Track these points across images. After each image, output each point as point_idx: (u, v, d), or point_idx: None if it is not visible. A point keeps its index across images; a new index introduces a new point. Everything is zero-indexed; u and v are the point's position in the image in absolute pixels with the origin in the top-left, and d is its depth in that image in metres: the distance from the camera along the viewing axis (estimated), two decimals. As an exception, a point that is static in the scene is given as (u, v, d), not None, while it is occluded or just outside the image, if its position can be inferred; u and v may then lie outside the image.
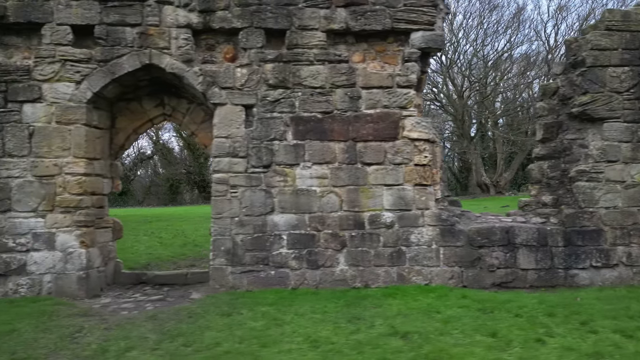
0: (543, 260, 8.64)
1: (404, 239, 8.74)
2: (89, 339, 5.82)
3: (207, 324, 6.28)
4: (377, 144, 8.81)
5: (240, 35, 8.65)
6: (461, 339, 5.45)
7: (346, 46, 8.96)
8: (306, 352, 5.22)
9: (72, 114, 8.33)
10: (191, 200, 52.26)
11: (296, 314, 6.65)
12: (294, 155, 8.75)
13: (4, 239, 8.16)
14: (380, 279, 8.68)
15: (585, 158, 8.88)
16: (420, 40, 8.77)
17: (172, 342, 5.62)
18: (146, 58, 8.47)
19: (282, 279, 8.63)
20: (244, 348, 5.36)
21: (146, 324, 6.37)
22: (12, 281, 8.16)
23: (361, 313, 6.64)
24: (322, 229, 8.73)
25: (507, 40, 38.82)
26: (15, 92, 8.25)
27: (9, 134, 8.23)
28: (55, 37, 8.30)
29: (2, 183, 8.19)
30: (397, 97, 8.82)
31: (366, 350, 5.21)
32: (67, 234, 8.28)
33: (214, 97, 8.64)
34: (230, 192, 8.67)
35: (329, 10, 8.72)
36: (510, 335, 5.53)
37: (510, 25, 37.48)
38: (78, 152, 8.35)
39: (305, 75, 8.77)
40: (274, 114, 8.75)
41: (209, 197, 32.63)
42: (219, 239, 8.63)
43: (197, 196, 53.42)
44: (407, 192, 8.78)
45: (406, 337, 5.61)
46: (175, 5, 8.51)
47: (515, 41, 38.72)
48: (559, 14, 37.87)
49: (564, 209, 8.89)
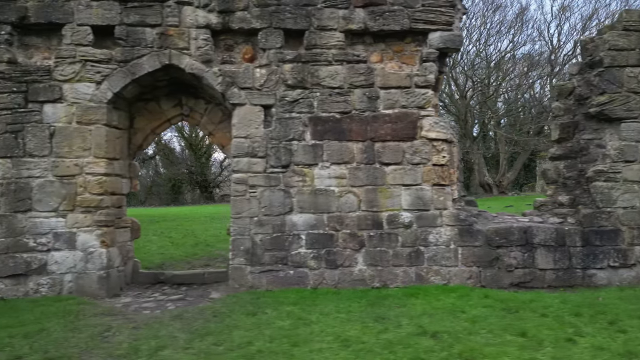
0: (561, 260, 8.67)
1: (422, 239, 8.77)
2: (119, 338, 5.85)
3: (234, 323, 6.30)
4: (395, 144, 8.83)
5: (260, 35, 8.67)
6: (491, 339, 5.48)
7: (364, 46, 8.99)
8: (338, 352, 5.25)
9: (92, 114, 8.36)
10: (192, 200, 52.30)
11: (321, 313, 6.68)
12: (312, 155, 8.77)
13: (24, 239, 8.18)
14: (398, 278, 8.71)
15: (602, 158, 8.91)
16: (438, 41, 8.80)
17: (202, 341, 5.65)
18: (166, 58, 8.49)
19: (301, 279, 8.66)
20: (276, 347, 5.39)
21: (173, 323, 6.40)
22: (32, 281, 8.18)
23: (386, 313, 6.67)
24: (340, 229, 8.76)
25: (510, 41, 38.90)
26: (36, 92, 8.27)
27: (29, 134, 8.25)
28: (76, 38, 8.32)
29: (23, 183, 8.21)
30: (415, 97, 8.86)
31: (397, 349, 5.23)
32: (87, 234, 8.30)
33: (233, 97, 8.66)
34: (249, 192, 8.70)
35: (347, 11, 8.74)
36: (540, 335, 5.55)
37: (513, 25, 37.56)
38: (98, 152, 8.37)
39: (324, 76, 8.79)
40: (292, 114, 8.78)
41: (211, 197, 32.53)
42: (238, 238, 8.66)
43: (199, 196, 53.52)
44: (426, 192, 8.82)
45: (435, 336, 5.64)
46: (195, 5, 8.53)
47: (518, 41, 38.78)
48: (562, 14, 37.92)
49: (582, 209, 8.92)
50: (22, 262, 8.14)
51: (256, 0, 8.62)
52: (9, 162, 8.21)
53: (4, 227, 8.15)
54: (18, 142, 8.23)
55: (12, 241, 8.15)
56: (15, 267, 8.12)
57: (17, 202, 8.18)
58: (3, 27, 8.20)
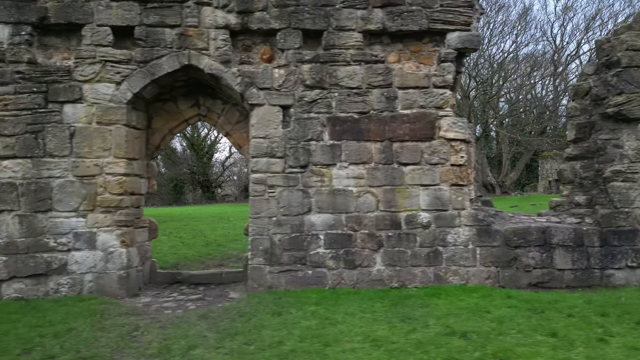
0: (579, 260, 8.68)
1: (440, 239, 8.79)
2: (148, 338, 5.86)
3: (260, 322, 6.31)
4: (414, 144, 8.85)
5: (278, 36, 8.68)
6: (522, 339, 5.49)
7: (381, 47, 9.00)
8: (370, 351, 5.26)
9: (112, 114, 8.37)
10: (194, 201, 52.30)
11: (346, 313, 6.69)
12: (330, 155, 8.79)
13: (45, 239, 8.19)
14: (417, 279, 8.73)
15: (620, 158, 8.93)
16: (456, 41, 8.81)
17: (233, 341, 5.66)
18: (185, 59, 8.50)
19: (319, 279, 8.67)
20: (308, 347, 5.40)
21: (200, 322, 6.41)
22: (53, 280, 8.19)
23: (410, 313, 6.68)
24: (358, 229, 8.78)
25: (513, 41, 38.96)
26: (56, 92, 8.28)
27: (50, 134, 8.26)
28: (96, 38, 8.33)
29: (44, 183, 8.22)
30: (434, 97, 8.87)
31: (430, 349, 5.25)
32: (107, 234, 8.31)
33: (252, 97, 8.67)
34: (268, 192, 8.71)
35: (365, 11, 8.76)
36: (570, 335, 5.57)
37: (517, 25, 37.63)
38: (118, 153, 8.38)
39: (342, 76, 8.81)
40: (311, 115, 8.79)
41: (213, 197, 32.62)
42: (257, 238, 8.67)
43: (200, 196, 53.50)
44: (444, 192, 8.83)
45: (465, 336, 5.65)
46: (214, 6, 8.54)
47: (521, 41, 38.84)
48: (565, 15, 37.98)
49: (599, 209, 8.94)
50: (42, 262, 8.16)
51: (275, 1, 8.63)
52: (29, 162, 8.22)
53: (24, 227, 8.16)
54: (38, 143, 8.24)
55: (33, 241, 8.16)
56: (35, 267, 8.13)
57: (37, 202, 8.19)
58: (23, 27, 8.21)
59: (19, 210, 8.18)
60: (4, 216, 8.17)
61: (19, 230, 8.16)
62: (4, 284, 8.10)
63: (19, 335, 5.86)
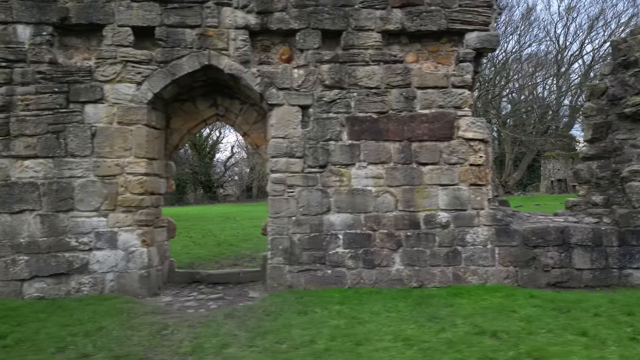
0: (598, 260, 8.71)
1: (459, 238, 8.82)
2: (178, 336, 5.88)
3: (288, 322, 6.34)
4: (433, 144, 8.88)
5: (297, 36, 8.71)
6: (553, 338, 5.52)
7: (400, 47, 9.03)
8: (403, 350, 5.29)
9: (133, 114, 8.39)
10: (195, 200, 52.37)
11: (371, 312, 6.72)
12: (349, 155, 8.82)
13: (66, 238, 8.22)
14: (436, 278, 8.76)
15: (637, 158, 8.95)
16: (475, 41, 8.84)
17: (264, 340, 5.69)
18: (205, 59, 8.53)
19: (338, 278, 8.70)
20: (340, 346, 5.43)
21: (228, 321, 6.44)
22: (74, 280, 8.22)
23: (436, 312, 6.71)
24: (377, 229, 8.81)
25: (516, 41, 39.02)
26: (77, 92, 8.30)
27: (71, 134, 8.28)
28: (117, 39, 8.36)
29: (65, 183, 8.25)
30: (452, 97, 8.90)
31: (462, 348, 5.27)
32: (128, 233, 8.34)
33: (271, 97, 8.70)
34: (287, 192, 8.73)
35: (384, 11, 8.79)
36: (600, 334, 5.59)
37: (520, 25, 37.69)
38: (139, 152, 8.41)
39: (361, 76, 8.84)
40: (329, 115, 8.82)
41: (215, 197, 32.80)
42: (277, 238, 8.70)
43: (202, 196, 53.55)
44: (463, 192, 8.86)
45: (496, 335, 5.68)
46: (234, 6, 8.57)
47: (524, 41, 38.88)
48: (569, 15, 38.04)
49: (617, 209, 8.97)
50: (64, 261, 8.18)
51: (294, 1, 8.65)
52: (50, 162, 8.24)
53: (46, 227, 8.19)
54: (60, 142, 8.26)
55: (54, 240, 8.19)
56: (57, 266, 8.16)
57: (59, 202, 8.22)
58: (45, 27, 8.23)
59: (41, 209, 8.20)
60: (26, 216, 8.19)
61: (40, 229, 8.18)
62: (25, 283, 8.12)
63: (50, 334, 5.89)
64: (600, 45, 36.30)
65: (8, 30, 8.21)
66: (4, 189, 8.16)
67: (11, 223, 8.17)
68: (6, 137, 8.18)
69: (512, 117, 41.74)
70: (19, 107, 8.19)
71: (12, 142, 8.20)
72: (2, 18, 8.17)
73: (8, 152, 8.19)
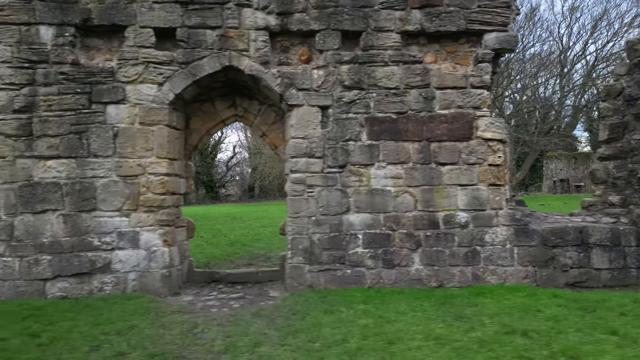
0: (616, 260, 8.76)
1: (478, 238, 8.87)
2: (209, 335, 5.93)
3: (316, 320, 6.38)
4: (452, 144, 8.93)
5: (317, 37, 8.75)
6: (584, 337, 5.56)
7: (418, 47, 9.07)
8: (436, 349, 5.33)
9: (155, 115, 8.43)
10: (197, 200, 52.39)
11: (397, 312, 6.76)
12: (368, 155, 8.86)
13: (89, 238, 8.26)
14: (455, 278, 8.80)
15: (655, 158, 9.01)
16: (494, 42, 8.89)
17: (295, 338, 5.73)
18: (226, 60, 8.57)
19: (358, 278, 8.74)
20: (372, 344, 5.48)
21: (256, 320, 6.48)
22: (97, 279, 8.26)
23: (461, 311, 6.75)
24: (397, 229, 8.85)
25: (519, 41, 39.02)
26: (100, 93, 8.34)
27: (93, 135, 8.32)
28: (139, 40, 8.40)
29: (88, 183, 8.29)
30: (471, 98, 8.95)
31: (495, 347, 5.32)
32: (150, 233, 8.38)
33: (291, 98, 8.74)
34: (307, 192, 8.78)
35: (404, 12, 8.83)
36: (631, 333, 5.63)
37: (523, 25, 37.69)
38: (161, 153, 8.45)
39: (380, 76, 8.88)
40: (349, 115, 8.86)
41: (217, 197, 32.89)
42: (297, 237, 8.74)
43: (204, 196, 53.56)
44: (482, 192, 8.91)
45: (526, 335, 5.72)
46: (254, 7, 8.61)
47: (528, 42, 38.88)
48: (572, 15, 38.07)
49: (634, 209, 9.02)
50: (86, 260, 8.23)
51: (314, 2, 8.69)
52: (73, 162, 8.28)
53: (68, 227, 8.23)
54: (82, 143, 8.31)
55: (77, 240, 8.23)
56: (80, 265, 8.20)
57: (81, 202, 8.26)
58: (67, 28, 8.27)
59: (64, 209, 8.25)
60: (49, 215, 8.23)
61: (63, 229, 8.23)
62: (48, 283, 8.17)
63: (82, 333, 5.93)
64: (604, 46, 36.28)
65: (31, 31, 8.25)
66: (27, 189, 8.20)
67: (34, 223, 8.21)
68: (29, 137, 8.22)
69: (515, 117, 41.74)
70: (42, 108, 8.24)
71: (35, 143, 8.24)
72: (25, 19, 8.21)
73: (31, 153, 8.23)
